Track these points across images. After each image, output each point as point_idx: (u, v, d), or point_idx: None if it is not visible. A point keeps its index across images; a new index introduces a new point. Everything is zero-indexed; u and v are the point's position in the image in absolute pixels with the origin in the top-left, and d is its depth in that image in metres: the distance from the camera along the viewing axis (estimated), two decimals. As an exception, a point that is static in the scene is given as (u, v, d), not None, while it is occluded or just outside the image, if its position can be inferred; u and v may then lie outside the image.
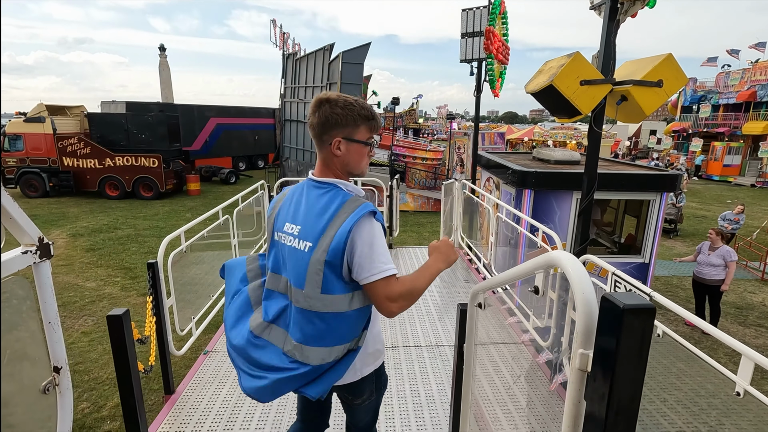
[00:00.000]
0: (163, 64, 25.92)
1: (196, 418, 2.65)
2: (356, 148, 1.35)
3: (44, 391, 1.19)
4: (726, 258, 5.67)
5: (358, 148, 1.35)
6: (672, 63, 3.10)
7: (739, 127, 24.26)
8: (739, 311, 6.77)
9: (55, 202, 13.94)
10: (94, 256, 8.71)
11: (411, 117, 23.00)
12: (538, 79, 3.32)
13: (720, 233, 5.80)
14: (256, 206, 5.48)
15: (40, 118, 14.13)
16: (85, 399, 4.26)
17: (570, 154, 6.38)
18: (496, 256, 4.61)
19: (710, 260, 5.74)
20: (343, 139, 1.33)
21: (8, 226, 1.09)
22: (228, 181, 18.57)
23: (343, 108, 1.32)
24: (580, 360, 0.81)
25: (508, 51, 7.28)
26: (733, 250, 5.93)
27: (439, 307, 4.27)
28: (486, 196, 5.28)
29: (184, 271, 3.41)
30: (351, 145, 1.34)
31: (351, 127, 1.33)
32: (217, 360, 3.30)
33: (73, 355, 5.01)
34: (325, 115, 1.32)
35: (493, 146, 18.13)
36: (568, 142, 25.68)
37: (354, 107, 1.33)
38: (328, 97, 1.33)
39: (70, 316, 6.04)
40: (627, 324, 0.70)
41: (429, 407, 2.81)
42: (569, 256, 0.93)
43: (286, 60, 17.51)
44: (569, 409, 0.85)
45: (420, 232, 11.19)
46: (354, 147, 1.35)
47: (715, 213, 14.09)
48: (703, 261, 5.82)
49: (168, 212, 12.97)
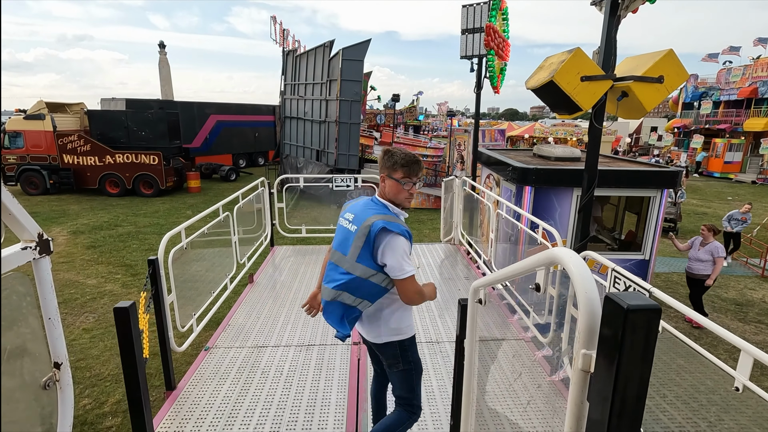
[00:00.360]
0: (163, 62, 25.88)
1: (197, 414, 2.66)
2: (392, 183, 1.99)
3: (45, 387, 1.19)
4: (714, 254, 5.74)
5: (393, 184, 1.99)
6: (673, 59, 3.09)
7: (741, 124, 24.19)
8: (739, 308, 6.78)
9: (55, 200, 13.94)
10: (94, 253, 8.72)
11: (411, 114, 22.96)
12: (539, 75, 3.31)
13: (712, 229, 5.86)
14: (256, 203, 5.48)
15: (40, 115, 14.11)
16: (86, 395, 4.28)
17: (570, 150, 6.36)
18: (497, 253, 4.61)
19: (699, 255, 5.81)
20: (386, 177, 2.00)
21: (8, 222, 1.09)
22: (228, 178, 18.56)
23: (387, 155, 2.01)
24: (582, 360, 0.80)
25: (509, 47, 7.26)
26: (722, 246, 5.98)
27: (439, 304, 4.28)
28: (486, 193, 5.27)
29: (185, 268, 3.42)
30: (389, 180, 2.00)
31: (390, 169, 1.98)
32: (218, 356, 3.31)
33: (75, 351, 5.03)
34: (380, 159, 2.05)
35: (493, 143, 18.10)
36: (569, 139, 25.64)
37: (395, 156, 1.98)
38: (386, 149, 2.05)
39: (72, 313, 6.06)
40: (631, 324, 0.68)
41: (429, 403, 2.82)
42: (571, 253, 0.92)
43: (286, 57, 17.46)
44: (571, 410, 0.84)
45: (420, 229, 11.19)
46: (391, 182, 2.00)
47: (715, 210, 14.08)
48: (692, 256, 5.90)
49: (168, 209, 12.98)
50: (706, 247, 5.80)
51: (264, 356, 3.32)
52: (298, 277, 4.97)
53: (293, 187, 6.59)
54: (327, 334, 3.67)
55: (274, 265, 5.42)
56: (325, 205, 12.87)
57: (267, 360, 3.27)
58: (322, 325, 3.83)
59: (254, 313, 4.04)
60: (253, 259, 5.12)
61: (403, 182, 1.97)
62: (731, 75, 25.60)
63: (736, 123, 24.72)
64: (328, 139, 14.37)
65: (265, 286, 4.70)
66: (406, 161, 1.96)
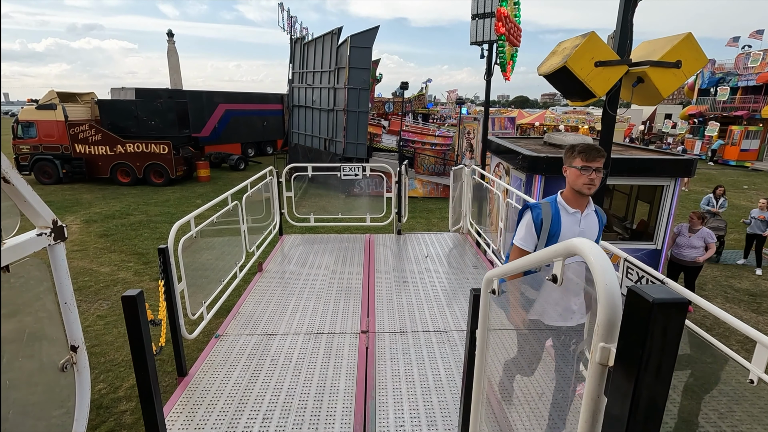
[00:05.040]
0: (172, 50, 25.88)
1: (208, 400, 2.72)
2: (571, 171, 2.21)
3: (62, 369, 1.22)
4: (707, 240, 5.77)
5: (572, 171, 2.20)
6: (691, 42, 2.99)
7: (759, 111, 23.53)
8: (753, 298, 6.68)
9: (68, 189, 14.15)
10: (107, 241, 8.86)
11: (420, 102, 22.75)
12: (551, 61, 3.24)
13: (700, 216, 5.85)
14: (265, 192, 5.50)
15: (52, 105, 14.25)
16: (101, 380, 4.39)
17: (582, 139, 6.26)
18: (506, 242, 4.58)
19: (691, 242, 5.80)
20: (567, 167, 2.24)
21: (23, 209, 1.11)
22: (237, 167, 18.64)
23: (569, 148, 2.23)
24: (600, 354, 0.78)
25: (520, 33, 7.11)
26: (712, 232, 5.93)
27: (447, 293, 4.28)
28: (496, 181, 5.22)
29: (195, 257, 3.45)
30: (570, 170, 2.22)
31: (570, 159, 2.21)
32: (228, 343, 3.36)
33: (89, 337, 5.14)
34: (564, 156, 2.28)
35: (503, 131, 17.89)
36: (581, 127, 25.22)
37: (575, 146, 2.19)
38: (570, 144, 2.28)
39: (86, 300, 6.19)
40: (656, 319, 0.66)
41: (437, 392, 2.83)
42: (591, 244, 0.89)
43: (294, 44, 17.33)
44: (587, 404, 0.82)
45: (429, 218, 11.16)
46: (570, 171, 2.22)
47: (730, 199, 13.79)
48: (684, 243, 5.86)
49: (179, 198, 13.10)
50: (697, 233, 5.79)
51: (273, 344, 3.37)
52: (307, 266, 5.00)
53: (302, 176, 6.60)
54: (335, 322, 3.70)
55: (283, 254, 5.46)
56: (334, 194, 12.90)
57: (276, 347, 3.31)
58: (331, 313, 3.86)
59: (263, 302, 4.08)
60: (262, 247, 5.16)
61: (581, 168, 2.13)
62: (750, 60, 24.82)
63: (753, 110, 24.04)
64: (336, 127, 14.32)
65: (274, 275, 4.74)
66: (583, 148, 2.12)
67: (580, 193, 2.18)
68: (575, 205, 2.25)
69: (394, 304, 4.06)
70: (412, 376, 2.98)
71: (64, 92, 15.25)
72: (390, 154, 15.19)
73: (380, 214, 6.48)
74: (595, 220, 2.32)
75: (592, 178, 2.13)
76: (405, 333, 3.55)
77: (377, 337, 3.48)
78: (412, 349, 3.32)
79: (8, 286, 1.04)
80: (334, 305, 4.01)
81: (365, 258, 5.25)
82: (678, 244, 5.91)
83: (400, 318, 3.79)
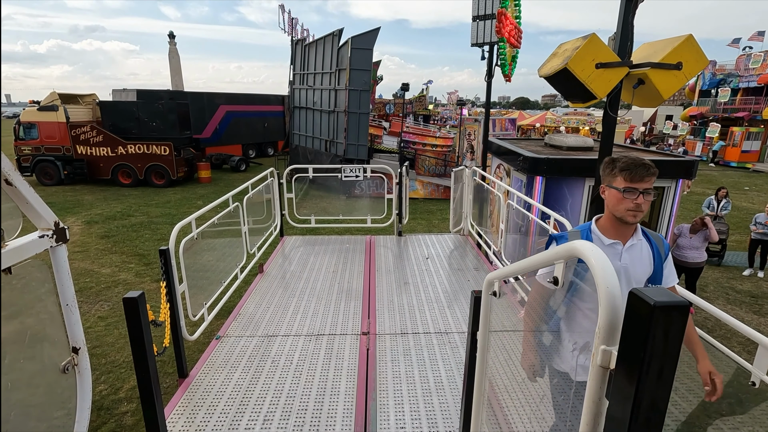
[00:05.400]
0: (173, 52, 25.93)
1: (209, 401, 2.71)
2: (611, 193, 1.75)
3: (64, 371, 1.22)
4: (707, 238, 5.82)
5: (612, 194, 1.74)
6: (692, 44, 2.99)
7: (760, 112, 23.49)
8: (755, 300, 6.66)
9: (70, 190, 14.17)
10: (108, 242, 8.87)
11: (421, 103, 22.77)
12: (552, 62, 3.24)
13: (704, 224, 5.85)
14: (265, 194, 5.50)
15: (54, 106, 14.28)
16: (102, 381, 4.39)
17: (583, 140, 6.26)
18: (507, 244, 4.58)
19: (693, 243, 5.81)
20: (606, 187, 1.78)
21: (25, 211, 1.11)
22: (238, 168, 18.66)
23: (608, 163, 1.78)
24: (602, 357, 0.78)
25: (521, 34, 7.12)
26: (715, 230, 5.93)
27: (448, 295, 4.27)
28: (497, 183, 5.22)
29: (196, 258, 3.46)
30: (609, 191, 1.76)
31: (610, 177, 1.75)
32: (229, 345, 3.36)
33: (90, 339, 5.15)
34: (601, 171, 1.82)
35: (504, 132, 17.89)
36: (581, 128, 25.23)
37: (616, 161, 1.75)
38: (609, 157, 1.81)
39: (87, 301, 6.19)
40: (658, 322, 0.66)
41: (438, 393, 2.83)
42: (592, 246, 0.90)
43: (295, 46, 17.36)
44: (588, 406, 0.82)
45: (430, 219, 11.16)
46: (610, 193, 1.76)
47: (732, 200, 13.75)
48: (685, 244, 5.85)
49: (180, 200, 13.12)
50: (698, 233, 5.79)
51: (274, 345, 3.37)
52: (308, 267, 5.00)
53: (302, 178, 6.61)
54: (336, 324, 3.70)
55: (284, 255, 5.46)
56: (334, 196, 12.90)
57: (277, 349, 3.31)
58: (332, 314, 3.86)
59: (264, 303, 4.08)
60: (263, 249, 5.16)
61: (624, 190, 1.67)
62: (751, 61, 24.79)
63: (755, 111, 24.00)
64: (337, 129, 14.33)
65: (275, 276, 4.75)
66: (626, 164, 1.67)
67: (622, 221, 1.72)
68: (615, 234, 1.78)
69: (394, 305, 4.05)
70: (413, 377, 2.98)
71: (65, 94, 15.29)
72: (391, 156, 15.19)
73: (381, 215, 6.48)
74: (647, 252, 1.80)
75: (638, 203, 1.65)
76: (406, 334, 3.55)
77: (378, 338, 3.48)
78: (413, 350, 3.32)
79: (10, 287, 1.04)
80: (335, 307, 4.01)
81: (366, 259, 5.25)
82: (679, 246, 5.89)
83: (401, 319, 3.79)
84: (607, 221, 1.81)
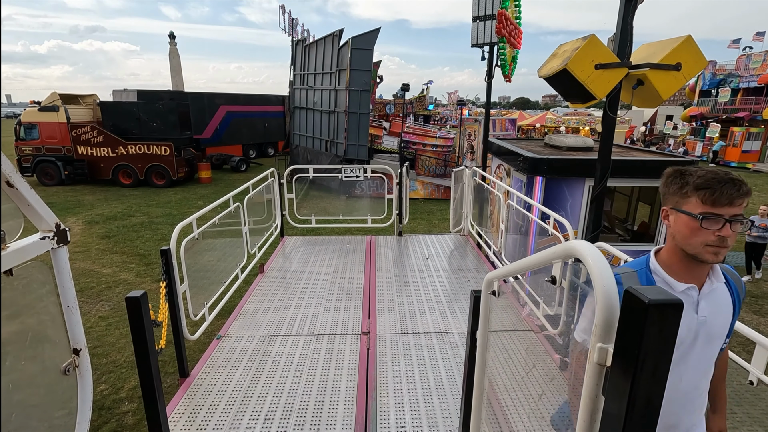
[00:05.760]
0: (173, 52, 25.96)
1: (210, 401, 2.72)
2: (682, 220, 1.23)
3: (65, 372, 1.23)
4: None
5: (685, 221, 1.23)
6: (691, 45, 3.00)
7: (760, 112, 23.48)
8: (755, 300, 6.67)
9: (70, 190, 14.19)
10: (109, 243, 8.89)
11: (421, 103, 22.76)
12: (552, 63, 3.25)
13: None
14: (266, 194, 5.51)
15: (54, 107, 14.31)
16: (103, 381, 4.40)
17: (583, 140, 6.26)
18: (507, 244, 4.58)
19: None
20: (671, 210, 1.27)
21: (26, 212, 1.12)
22: (238, 168, 18.68)
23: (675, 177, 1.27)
24: (598, 354, 0.80)
25: (521, 35, 7.12)
26: None
27: (448, 294, 4.28)
28: (497, 183, 5.22)
29: (197, 258, 3.47)
30: (677, 216, 1.25)
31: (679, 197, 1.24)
32: (230, 345, 3.37)
33: (91, 339, 5.16)
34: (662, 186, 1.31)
35: (504, 133, 17.88)
36: (582, 128, 25.23)
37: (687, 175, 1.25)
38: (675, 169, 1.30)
39: (88, 301, 6.20)
40: (652, 320, 0.68)
41: (438, 393, 2.84)
42: (589, 245, 0.90)
43: (296, 46, 17.37)
44: (586, 403, 0.84)
45: (430, 219, 11.17)
46: (680, 219, 1.24)
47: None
48: None
49: (180, 200, 13.13)
50: None
51: (275, 345, 3.37)
52: (308, 267, 5.01)
53: (303, 178, 6.61)
54: (337, 324, 3.71)
55: (285, 255, 5.47)
56: (335, 196, 12.91)
57: (278, 349, 3.32)
58: (332, 314, 3.87)
59: (265, 303, 4.09)
60: (263, 249, 5.17)
61: (702, 217, 1.17)
62: (751, 61, 24.78)
63: (755, 111, 23.99)
64: (337, 129, 14.34)
65: (275, 276, 4.75)
66: (706, 180, 1.18)
67: (697, 259, 1.22)
68: (686, 276, 1.27)
69: (395, 305, 4.06)
70: (413, 377, 2.98)
71: (66, 94, 15.31)
72: (391, 156, 15.20)
73: (381, 215, 6.49)
74: (727, 298, 1.31)
75: (723, 235, 1.16)
76: (406, 334, 3.55)
77: (378, 338, 3.49)
78: (413, 350, 3.32)
79: (11, 289, 1.05)
80: (336, 306, 4.02)
81: (366, 259, 5.26)
82: None
83: (401, 319, 3.79)
84: (674, 256, 1.27)
